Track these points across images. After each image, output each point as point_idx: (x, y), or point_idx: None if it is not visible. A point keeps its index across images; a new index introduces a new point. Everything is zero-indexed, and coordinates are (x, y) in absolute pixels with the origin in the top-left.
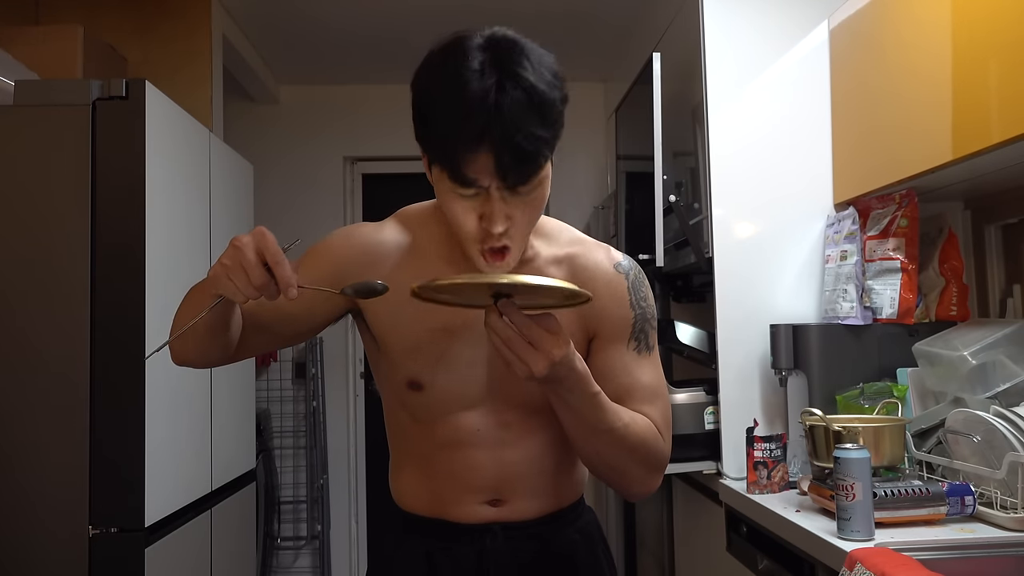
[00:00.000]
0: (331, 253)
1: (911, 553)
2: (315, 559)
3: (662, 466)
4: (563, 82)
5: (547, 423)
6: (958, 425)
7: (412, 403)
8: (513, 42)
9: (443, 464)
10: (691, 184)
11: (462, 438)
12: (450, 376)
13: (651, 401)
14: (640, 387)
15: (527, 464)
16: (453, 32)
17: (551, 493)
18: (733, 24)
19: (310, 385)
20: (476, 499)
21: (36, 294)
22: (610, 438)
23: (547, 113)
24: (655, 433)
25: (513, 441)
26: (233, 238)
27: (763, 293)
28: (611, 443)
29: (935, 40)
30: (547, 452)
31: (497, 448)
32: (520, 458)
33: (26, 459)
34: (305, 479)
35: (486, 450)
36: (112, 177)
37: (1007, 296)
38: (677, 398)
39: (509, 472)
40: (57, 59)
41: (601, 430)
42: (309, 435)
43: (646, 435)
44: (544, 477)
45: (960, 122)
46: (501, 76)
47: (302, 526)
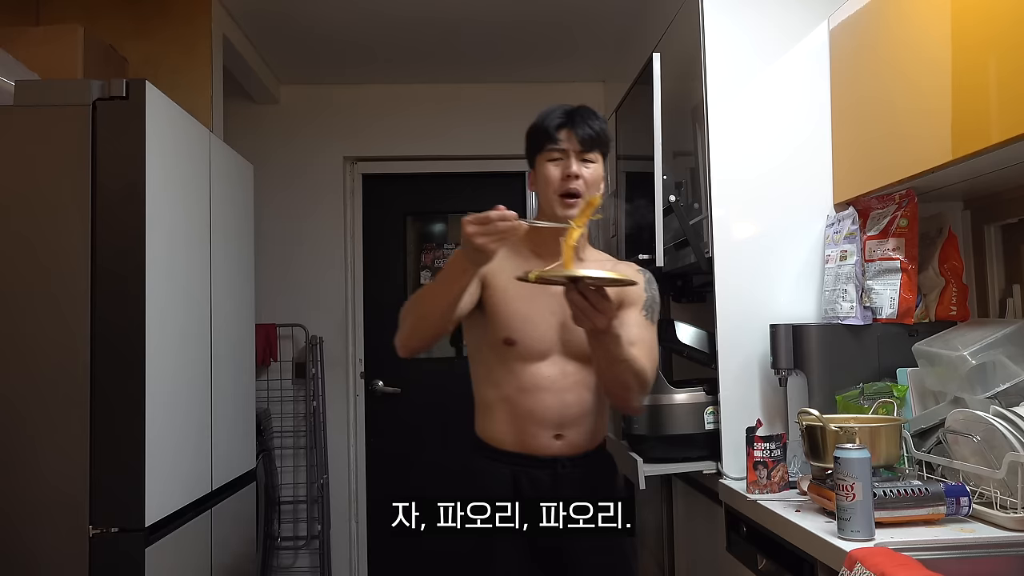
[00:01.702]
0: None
1: (911, 553)
2: (315, 559)
3: (648, 390)
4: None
5: (590, 376)
6: (958, 425)
7: (507, 356)
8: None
9: (524, 404)
10: (691, 184)
11: (538, 383)
12: (532, 334)
13: (648, 352)
14: (641, 339)
15: (579, 406)
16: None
17: (591, 431)
18: (733, 24)
19: (310, 385)
20: (547, 433)
21: (36, 294)
22: (624, 366)
23: (602, 121)
24: (646, 368)
25: (570, 387)
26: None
27: (763, 293)
28: (624, 369)
29: (935, 40)
30: (590, 398)
31: (560, 393)
32: (574, 401)
33: (26, 459)
34: (305, 479)
35: (553, 394)
36: (112, 177)
37: (1007, 296)
38: (677, 398)
39: (568, 412)
40: (57, 59)
41: (620, 359)
42: (309, 435)
43: (643, 367)
44: (588, 417)
45: (960, 122)
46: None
47: (302, 526)
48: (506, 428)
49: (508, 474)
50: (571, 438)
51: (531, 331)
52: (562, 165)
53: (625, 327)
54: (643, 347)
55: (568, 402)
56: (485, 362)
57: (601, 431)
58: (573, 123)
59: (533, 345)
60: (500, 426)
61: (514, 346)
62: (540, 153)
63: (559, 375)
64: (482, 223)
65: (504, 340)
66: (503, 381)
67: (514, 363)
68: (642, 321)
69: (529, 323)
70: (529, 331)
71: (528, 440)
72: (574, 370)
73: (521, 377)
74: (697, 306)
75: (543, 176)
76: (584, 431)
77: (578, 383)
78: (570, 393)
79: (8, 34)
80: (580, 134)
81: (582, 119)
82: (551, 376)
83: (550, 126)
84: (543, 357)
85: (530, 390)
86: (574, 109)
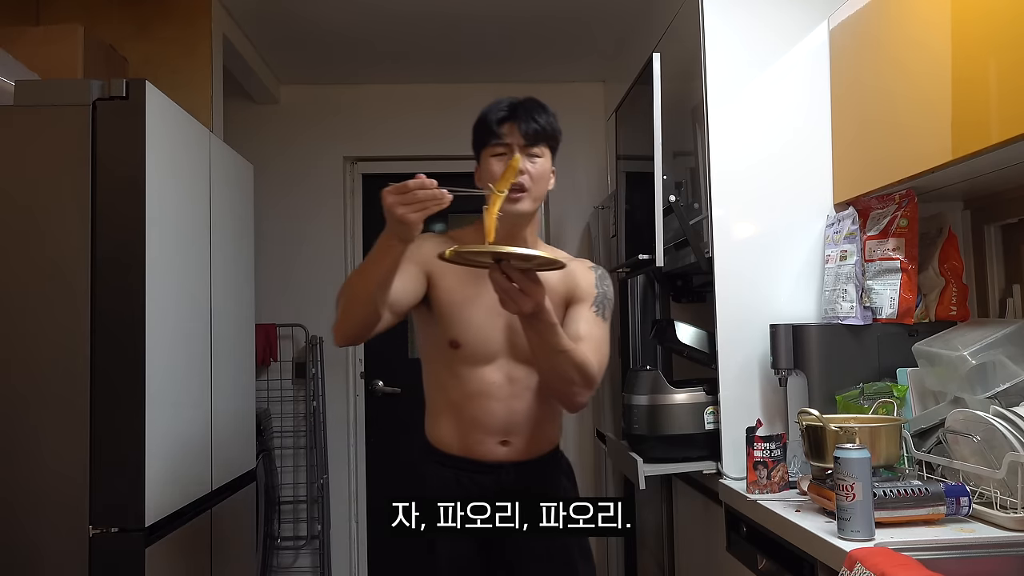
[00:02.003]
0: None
1: (911, 553)
2: (315, 559)
3: (592, 385)
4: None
5: (538, 383)
6: (958, 425)
7: (451, 359)
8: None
9: (469, 411)
10: (691, 184)
11: (484, 389)
12: (477, 336)
13: (595, 349)
14: (589, 335)
15: (526, 413)
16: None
17: (539, 438)
18: (733, 24)
19: (310, 385)
20: (492, 439)
21: (36, 294)
22: (563, 357)
23: (551, 115)
24: (590, 361)
25: (518, 394)
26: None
27: (763, 293)
28: (563, 360)
29: (935, 40)
30: (539, 405)
31: (507, 400)
32: (521, 407)
33: (26, 459)
34: (305, 479)
35: (500, 401)
36: (112, 177)
37: (1007, 296)
38: (677, 398)
39: (515, 418)
40: (57, 59)
41: (558, 350)
42: (309, 435)
43: (585, 360)
44: (535, 424)
45: (960, 122)
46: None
47: (302, 526)
48: (452, 433)
49: (452, 478)
50: (517, 445)
51: (476, 333)
52: (505, 160)
53: (573, 323)
54: (591, 343)
55: (515, 409)
56: (432, 365)
57: (551, 437)
58: (516, 117)
59: (479, 348)
60: (446, 430)
61: (459, 349)
62: (484, 148)
63: (506, 381)
64: (400, 192)
65: (450, 342)
66: (449, 386)
67: (460, 367)
68: (592, 317)
69: (475, 324)
70: (474, 333)
71: (473, 446)
72: (523, 375)
73: (467, 383)
74: (697, 306)
75: (487, 171)
76: (531, 438)
77: (527, 389)
78: (517, 400)
79: (8, 34)
80: (524, 128)
81: (526, 113)
82: (497, 382)
83: (492, 120)
84: (489, 360)
85: (476, 396)
86: (519, 102)
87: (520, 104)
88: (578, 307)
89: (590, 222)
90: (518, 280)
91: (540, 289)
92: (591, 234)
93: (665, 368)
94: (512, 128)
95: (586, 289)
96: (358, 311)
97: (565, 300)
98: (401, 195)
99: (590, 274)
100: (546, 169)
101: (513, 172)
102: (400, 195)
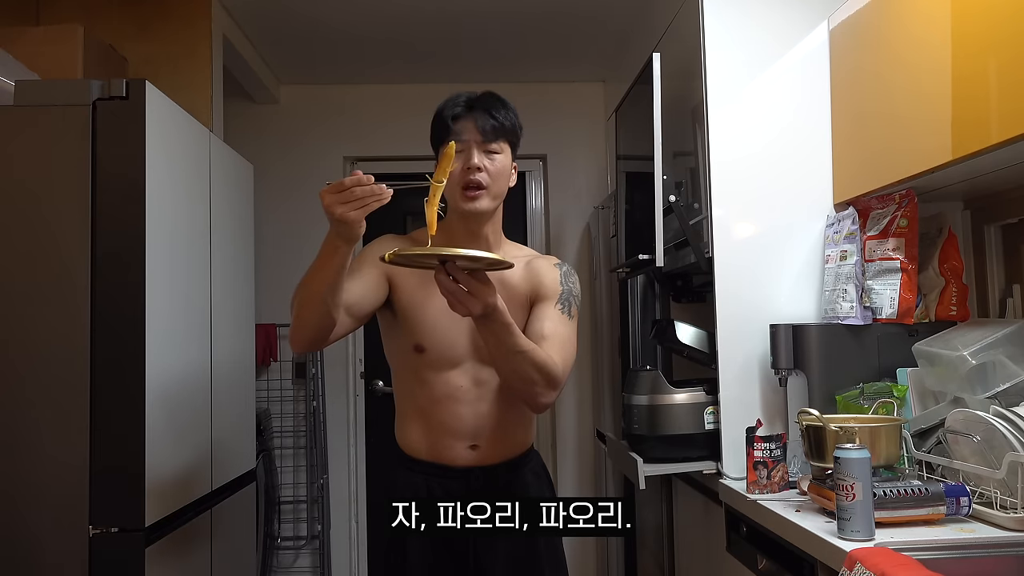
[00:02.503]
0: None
1: (911, 553)
2: (315, 559)
3: (556, 385)
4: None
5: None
6: (958, 425)
7: (417, 364)
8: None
9: (437, 416)
10: (691, 184)
11: (451, 393)
12: (442, 340)
13: (559, 348)
14: (554, 333)
15: (494, 416)
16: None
17: (508, 441)
18: (733, 24)
19: (310, 385)
20: (461, 444)
21: (36, 294)
22: (521, 357)
23: (510, 110)
24: (553, 361)
25: (485, 396)
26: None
27: (763, 293)
28: (522, 361)
29: (935, 39)
30: (507, 408)
31: (474, 403)
32: (489, 411)
33: (26, 459)
34: (305, 479)
35: (467, 405)
36: (112, 177)
37: (1007, 296)
38: (677, 398)
39: (483, 422)
40: (57, 59)
41: (515, 351)
42: (309, 435)
43: (546, 360)
44: (505, 427)
45: (960, 122)
46: (479, 94)
47: (302, 526)
48: (420, 438)
49: (422, 483)
50: (486, 449)
51: (441, 337)
52: (462, 157)
53: (538, 321)
54: (555, 341)
55: (482, 412)
56: (399, 370)
57: (522, 440)
58: (474, 113)
59: (444, 352)
60: (415, 435)
61: (424, 353)
62: (441, 145)
63: (472, 384)
64: (337, 190)
65: (414, 347)
66: (416, 391)
67: (425, 372)
68: (556, 315)
69: (439, 328)
70: (439, 337)
71: (442, 451)
72: (489, 377)
73: (433, 387)
74: (697, 306)
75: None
76: (500, 441)
77: (493, 392)
78: (484, 403)
79: (8, 34)
80: (481, 125)
81: (484, 109)
82: (464, 386)
83: (447, 116)
84: (455, 365)
85: (442, 401)
86: (477, 97)
87: (477, 99)
88: (542, 305)
89: (590, 222)
90: (464, 281)
91: (488, 289)
92: (591, 234)
93: (665, 368)
94: (469, 124)
95: (551, 287)
96: (310, 317)
97: (529, 298)
98: (338, 193)
99: (555, 271)
100: (506, 166)
101: (448, 160)
102: (337, 193)
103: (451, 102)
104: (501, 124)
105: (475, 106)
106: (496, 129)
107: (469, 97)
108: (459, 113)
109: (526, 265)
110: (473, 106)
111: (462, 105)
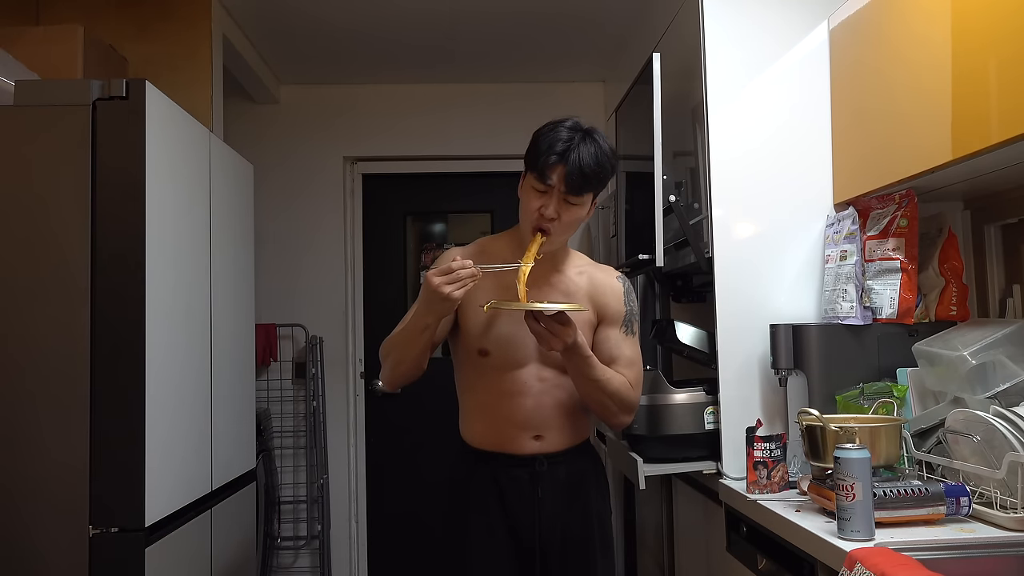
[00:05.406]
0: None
1: (911, 553)
2: (315, 559)
3: (631, 409)
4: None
5: (567, 380)
6: (958, 425)
7: (482, 365)
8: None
9: (502, 410)
10: (691, 184)
11: (515, 388)
12: (507, 346)
13: (628, 366)
14: (623, 356)
15: (556, 408)
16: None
17: (570, 431)
18: (733, 24)
19: (310, 385)
20: (526, 435)
21: (36, 293)
22: (598, 384)
23: (604, 165)
24: (628, 386)
25: (548, 391)
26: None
27: (763, 293)
28: (599, 388)
29: (935, 40)
30: (567, 401)
31: (538, 396)
32: (552, 403)
33: (26, 459)
34: (305, 479)
35: (531, 398)
36: (112, 177)
37: (1007, 296)
38: (677, 398)
39: (545, 414)
40: (57, 59)
41: (592, 379)
42: (309, 435)
43: (621, 386)
44: (566, 418)
45: (960, 122)
46: (584, 134)
47: (302, 526)
48: (485, 430)
49: (488, 473)
50: (550, 438)
51: (505, 343)
52: (543, 200)
53: (605, 344)
54: (624, 363)
55: (545, 404)
56: (463, 369)
57: (582, 429)
58: (567, 163)
59: (508, 356)
60: (480, 428)
61: (488, 356)
62: (531, 173)
63: (535, 380)
64: (446, 274)
65: (479, 351)
66: (480, 387)
67: (490, 371)
68: (621, 337)
69: (504, 334)
70: (504, 343)
71: (507, 442)
72: (551, 375)
73: (498, 384)
74: (697, 306)
75: (525, 197)
76: (562, 431)
77: (556, 386)
78: (547, 396)
79: (8, 34)
80: (569, 181)
81: (576, 162)
82: (527, 381)
83: (544, 165)
84: (520, 366)
85: (507, 395)
86: (574, 146)
87: (574, 150)
88: (608, 329)
89: (590, 222)
90: (548, 325)
91: (568, 330)
92: (591, 234)
93: (665, 368)
94: (558, 172)
95: (615, 308)
96: (405, 371)
97: (595, 315)
98: (447, 275)
99: (618, 290)
100: (581, 215)
101: (536, 246)
102: (446, 275)
103: (554, 137)
104: (588, 181)
105: (568, 156)
106: (582, 187)
107: (568, 141)
108: (555, 162)
109: (589, 281)
110: (566, 156)
111: (559, 152)
